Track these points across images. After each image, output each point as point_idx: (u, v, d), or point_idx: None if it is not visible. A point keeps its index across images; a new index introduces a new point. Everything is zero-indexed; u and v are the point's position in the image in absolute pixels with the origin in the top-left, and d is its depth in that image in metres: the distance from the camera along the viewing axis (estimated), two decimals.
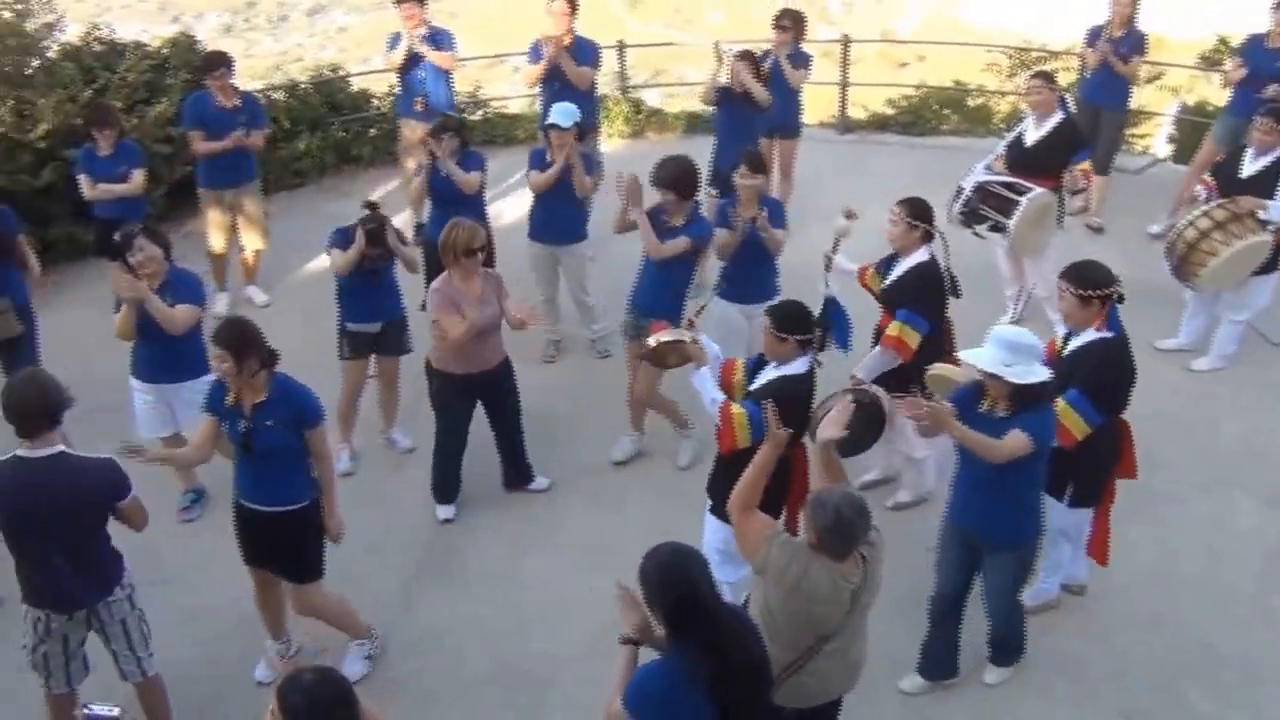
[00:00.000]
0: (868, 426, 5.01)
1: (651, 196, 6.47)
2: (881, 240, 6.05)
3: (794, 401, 4.82)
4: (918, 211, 5.84)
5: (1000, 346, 4.53)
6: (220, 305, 8.39)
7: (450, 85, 9.06)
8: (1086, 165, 7.43)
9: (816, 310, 5.42)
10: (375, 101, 11.39)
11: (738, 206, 6.44)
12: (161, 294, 5.86)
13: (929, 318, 5.79)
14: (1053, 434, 4.73)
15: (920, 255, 5.86)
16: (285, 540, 5.09)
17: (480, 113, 11.72)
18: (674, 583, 3.42)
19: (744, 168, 6.42)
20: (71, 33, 10.24)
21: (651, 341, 5.40)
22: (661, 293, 6.39)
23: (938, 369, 5.59)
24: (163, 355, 6.05)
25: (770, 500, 4.00)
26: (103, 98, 9.05)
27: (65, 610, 4.57)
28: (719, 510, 4.95)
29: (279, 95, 11.19)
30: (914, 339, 5.77)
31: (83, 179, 7.69)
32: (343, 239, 6.33)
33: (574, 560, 6.10)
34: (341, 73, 11.93)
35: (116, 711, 3.03)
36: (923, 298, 5.82)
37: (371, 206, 6.40)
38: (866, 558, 4.00)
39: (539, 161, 7.22)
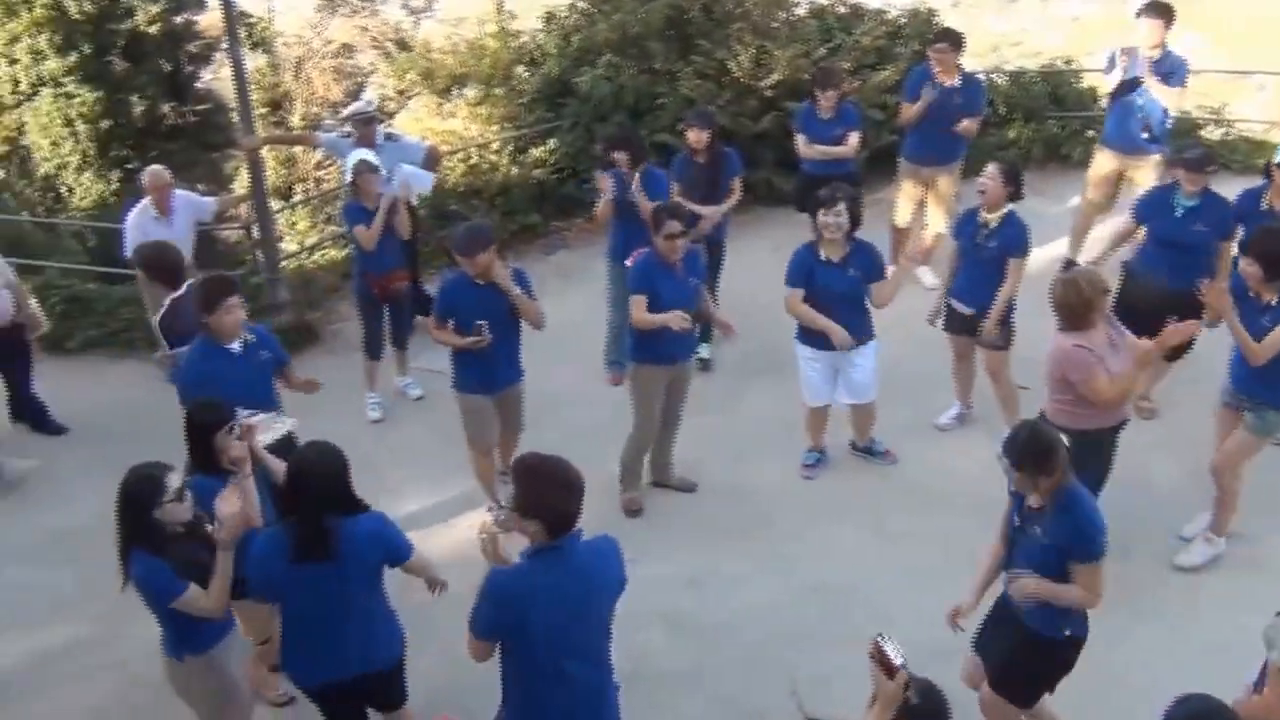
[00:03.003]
0: None
1: None
2: None
3: None
4: None
5: None
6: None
7: (1167, 115, 7.80)
8: None
9: None
10: (1101, 103, 10.60)
11: None
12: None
13: None
14: None
15: None
16: None
17: (1221, 132, 10.49)
18: None
19: None
20: None
21: None
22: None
23: None
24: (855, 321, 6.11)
25: None
26: (834, 58, 9.35)
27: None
28: None
29: (1000, 79, 10.85)
30: None
31: (800, 138, 7.93)
32: None
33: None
34: (1074, 65, 11.27)
35: None
36: None
37: None
38: None
39: (1252, 210, 6.20)
